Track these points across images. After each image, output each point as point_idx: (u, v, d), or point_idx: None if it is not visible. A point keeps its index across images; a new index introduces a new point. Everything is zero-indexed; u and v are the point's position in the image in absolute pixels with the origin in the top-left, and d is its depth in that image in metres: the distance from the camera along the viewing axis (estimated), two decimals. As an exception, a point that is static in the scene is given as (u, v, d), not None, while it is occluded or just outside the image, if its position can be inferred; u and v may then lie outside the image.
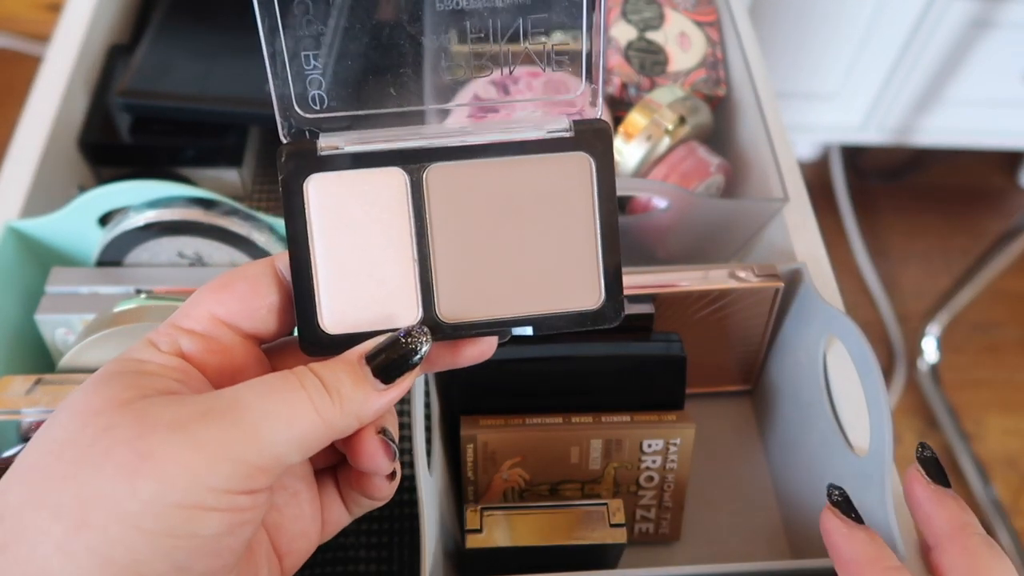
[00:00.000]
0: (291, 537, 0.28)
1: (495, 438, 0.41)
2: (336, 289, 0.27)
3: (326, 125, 0.28)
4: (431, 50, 0.28)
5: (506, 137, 0.28)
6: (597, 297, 0.28)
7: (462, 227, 0.28)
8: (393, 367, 0.26)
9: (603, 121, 0.28)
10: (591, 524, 0.38)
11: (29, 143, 0.49)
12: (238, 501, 0.22)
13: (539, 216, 0.28)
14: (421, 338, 0.26)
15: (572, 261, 0.28)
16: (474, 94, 0.51)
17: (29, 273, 0.46)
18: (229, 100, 0.53)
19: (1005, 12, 1.16)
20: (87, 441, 0.22)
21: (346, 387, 0.25)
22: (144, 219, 0.44)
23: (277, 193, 0.58)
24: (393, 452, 0.27)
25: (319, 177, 0.28)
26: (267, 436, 0.23)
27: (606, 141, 0.28)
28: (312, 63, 0.27)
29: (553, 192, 0.28)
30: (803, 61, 1.25)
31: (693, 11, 0.58)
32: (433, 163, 0.28)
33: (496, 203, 0.28)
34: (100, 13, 0.58)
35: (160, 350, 0.25)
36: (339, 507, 0.29)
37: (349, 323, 0.27)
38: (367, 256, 0.28)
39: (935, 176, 1.54)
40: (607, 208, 0.28)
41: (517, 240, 0.28)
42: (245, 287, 0.27)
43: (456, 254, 0.28)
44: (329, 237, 0.27)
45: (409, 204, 0.28)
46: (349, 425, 0.25)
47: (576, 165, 0.28)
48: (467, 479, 0.42)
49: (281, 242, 0.47)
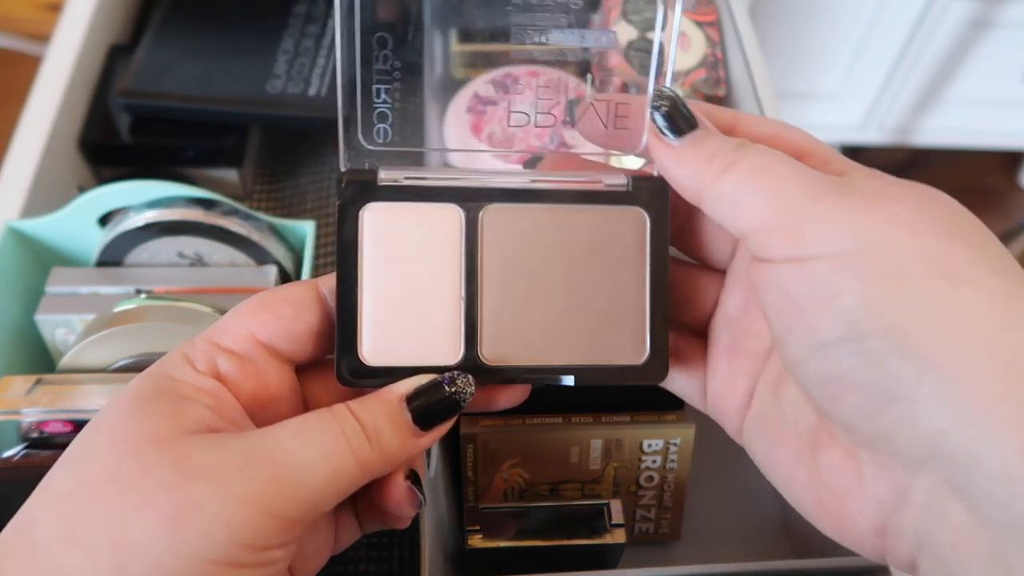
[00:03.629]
0: (305, 557, 0.27)
1: (495, 438, 0.41)
2: (380, 320, 0.27)
3: (387, 159, 0.28)
4: (431, 50, 0.28)
5: (565, 185, 0.28)
6: (642, 353, 0.28)
7: (513, 270, 0.28)
8: (433, 413, 0.25)
9: (662, 179, 0.28)
10: (591, 524, 0.38)
11: (29, 143, 0.49)
12: (272, 555, 0.22)
13: (590, 266, 0.28)
14: (466, 387, 0.25)
15: (619, 314, 0.28)
16: (474, 93, 0.52)
17: (29, 273, 0.46)
18: (229, 100, 0.53)
19: (1005, 12, 1.16)
20: (125, 480, 0.21)
21: (384, 432, 0.24)
22: (144, 219, 0.44)
23: (277, 193, 0.58)
24: (418, 500, 0.26)
25: (376, 206, 0.27)
26: (307, 490, 0.22)
27: (663, 199, 0.28)
28: (383, 96, 0.27)
29: (606, 244, 0.28)
30: (803, 61, 1.25)
31: (693, 11, 0.58)
32: (490, 203, 0.28)
33: (549, 249, 0.28)
34: (100, 13, 0.58)
35: (196, 369, 0.25)
36: (354, 525, 0.29)
37: (389, 356, 0.27)
38: (415, 290, 0.27)
39: (935, 176, 1.54)
40: (659, 265, 0.28)
41: (566, 288, 0.28)
42: (287, 309, 0.26)
43: (504, 297, 0.27)
44: (379, 267, 0.27)
45: (462, 242, 0.27)
46: (384, 469, 0.25)
47: (631, 220, 0.28)
48: (467, 479, 0.42)
49: (281, 242, 0.47)
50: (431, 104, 0.50)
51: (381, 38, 0.27)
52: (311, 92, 0.53)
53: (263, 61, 0.55)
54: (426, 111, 0.48)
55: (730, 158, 0.24)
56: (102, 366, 0.40)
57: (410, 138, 0.29)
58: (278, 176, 0.59)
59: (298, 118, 0.53)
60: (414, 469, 0.26)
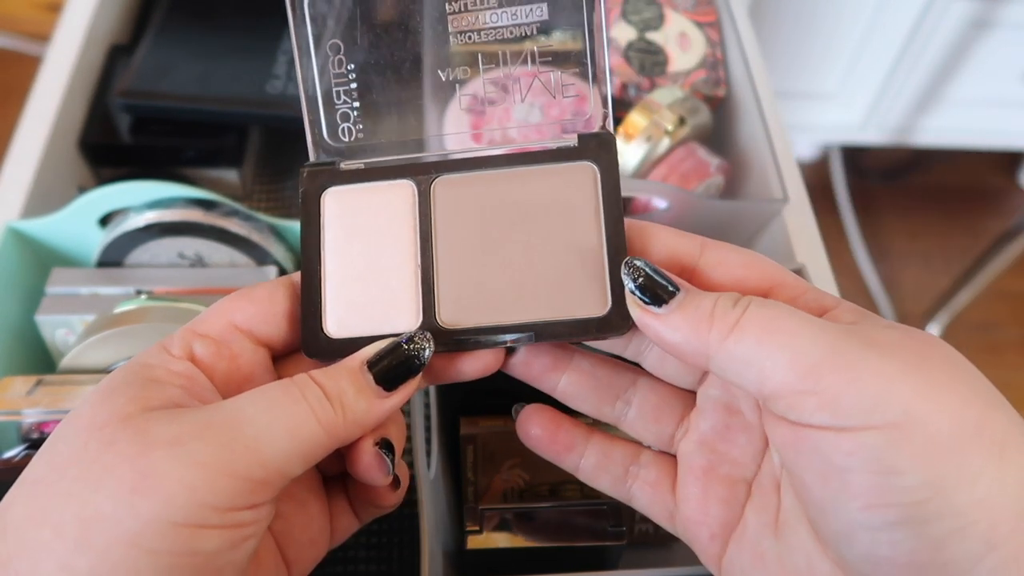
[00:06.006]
0: (300, 546, 0.27)
1: (495, 439, 0.41)
2: (342, 295, 0.28)
3: (351, 154, 0.30)
4: (430, 51, 0.29)
5: (511, 148, 0.29)
6: (604, 305, 0.27)
7: (467, 236, 0.28)
8: (395, 373, 0.25)
9: (607, 132, 0.28)
10: (591, 525, 0.38)
11: (29, 143, 0.49)
12: (240, 517, 0.22)
13: (545, 226, 0.28)
14: (424, 343, 0.26)
15: (578, 270, 0.27)
16: (474, 93, 0.52)
17: (29, 274, 0.46)
18: (229, 100, 0.53)
19: (1005, 12, 1.16)
20: (90, 458, 0.22)
21: (348, 395, 0.25)
22: (144, 220, 0.44)
23: (277, 193, 0.58)
24: (387, 467, 0.26)
25: (336, 190, 0.29)
26: (268, 450, 0.23)
27: (610, 151, 0.28)
28: (343, 98, 0.29)
29: (558, 201, 0.28)
30: (803, 61, 1.25)
31: (693, 11, 0.58)
32: (440, 174, 0.29)
33: (501, 213, 0.28)
34: (100, 13, 0.58)
35: (171, 353, 0.25)
36: (349, 514, 0.29)
37: (351, 328, 0.27)
38: (374, 264, 0.28)
39: (935, 176, 1.54)
40: (613, 216, 0.27)
41: (522, 249, 0.28)
42: (262, 293, 0.27)
43: (459, 262, 0.28)
44: (339, 245, 0.28)
45: (415, 213, 0.28)
46: (352, 433, 0.25)
47: (581, 175, 0.28)
48: (467, 479, 0.42)
49: (281, 242, 0.47)
50: (431, 104, 0.50)
51: (334, 44, 0.29)
52: (311, 92, 0.53)
53: (263, 61, 0.55)
54: (426, 111, 0.48)
55: (731, 317, 0.23)
56: (102, 367, 0.40)
57: (380, 133, 0.30)
58: (278, 176, 0.59)
59: (298, 118, 0.53)
60: (386, 437, 0.26)
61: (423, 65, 0.29)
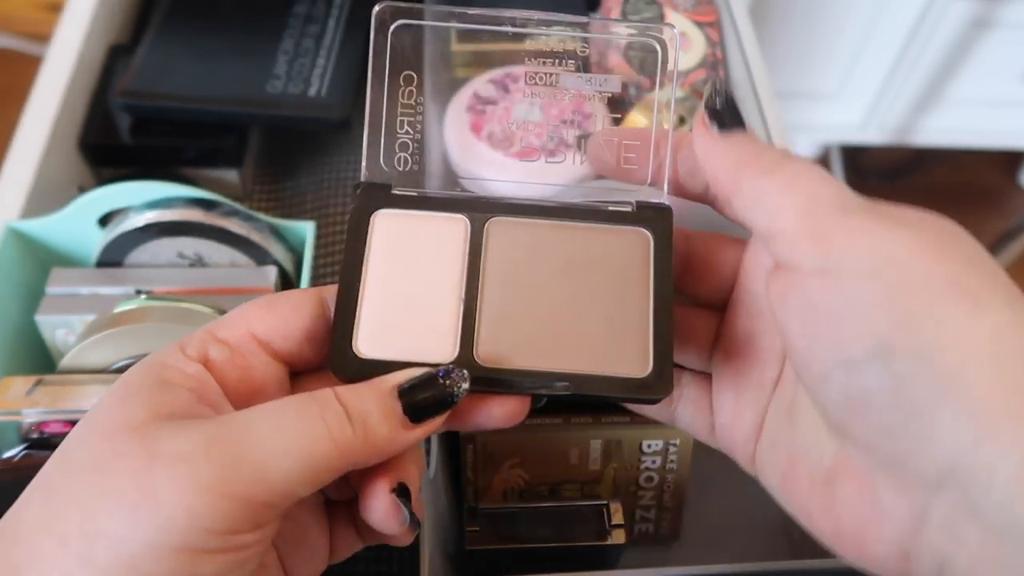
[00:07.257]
0: (296, 563, 0.27)
1: (495, 438, 0.41)
2: (378, 316, 0.27)
3: (401, 182, 0.30)
4: (431, 51, 0.29)
5: (570, 202, 0.29)
6: (645, 366, 0.27)
7: (515, 278, 0.28)
8: (425, 406, 0.24)
9: (666, 205, 0.29)
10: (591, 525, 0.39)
11: (29, 143, 0.49)
12: (242, 540, 0.22)
13: (593, 282, 0.28)
14: (460, 380, 0.25)
15: (622, 330, 0.27)
16: (473, 92, 0.52)
17: (29, 274, 0.46)
18: (229, 100, 0.53)
19: (1005, 12, 1.16)
20: (98, 465, 0.22)
21: (372, 418, 0.24)
22: (144, 220, 0.44)
23: (277, 193, 0.58)
24: (404, 516, 0.25)
25: (387, 212, 0.29)
26: (275, 471, 0.22)
27: (667, 221, 0.29)
28: (406, 128, 0.30)
29: (609, 261, 0.28)
30: (803, 61, 1.25)
31: (693, 11, 0.58)
32: (496, 215, 0.29)
33: (552, 262, 0.28)
34: (100, 13, 0.58)
35: (185, 354, 0.25)
36: (351, 535, 0.28)
37: (382, 350, 0.27)
38: (415, 291, 0.28)
39: (935, 176, 1.54)
40: (663, 283, 0.28)
41: (568, 301, 0.28)
42: (287, 307, 0.26)
43: (504, 302, 0.28)
44: (382, 266, 0.28)
45: (466, 248, 0.28)
46: (368, 458, 0.24)
47: (636, 239, 0.29)
48: (467, 479, 0.42)
49: (281, 242, 0.47)
50: (431, 104, 0.50)
51: (408, 76, 0.29)
52: (311, 92, 0.53)
53: (263, 61, 0.55)
54: (425, 111, 0.48)
55: (776, 162, 0.25)
56: (102, 367, 0.40)
57: (431, 167, 0.31)
58: (278, 176, 0.59)
59: (298, 118, 0.53)
60: (404, 483, 0.25)
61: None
